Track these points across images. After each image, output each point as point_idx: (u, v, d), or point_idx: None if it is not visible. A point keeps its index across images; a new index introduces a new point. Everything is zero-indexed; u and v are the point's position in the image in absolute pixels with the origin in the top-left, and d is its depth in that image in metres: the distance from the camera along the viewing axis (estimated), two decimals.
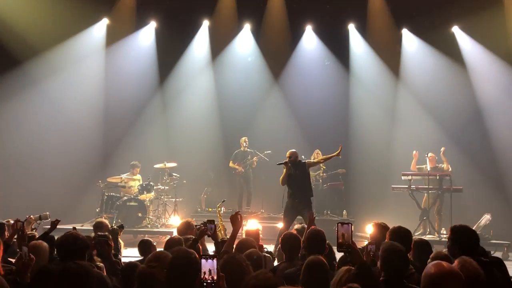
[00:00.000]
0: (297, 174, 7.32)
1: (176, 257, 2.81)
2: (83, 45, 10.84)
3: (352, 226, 2.90)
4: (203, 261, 2.53)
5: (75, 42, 10.71)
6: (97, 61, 11.04)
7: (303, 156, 8.35)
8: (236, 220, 4.06)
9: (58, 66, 10.48)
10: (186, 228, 5.18)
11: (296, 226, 5.32)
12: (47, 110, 10.52)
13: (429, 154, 9.26)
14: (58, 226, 8.49)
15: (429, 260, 3.06)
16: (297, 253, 3.98)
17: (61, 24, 10.30)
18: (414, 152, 9.54)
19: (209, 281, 2.49)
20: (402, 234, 3.65)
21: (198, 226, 4.52)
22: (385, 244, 3.15)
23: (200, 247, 4.27)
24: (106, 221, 5.84)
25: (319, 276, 3.09)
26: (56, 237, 4.53)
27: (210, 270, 2.51)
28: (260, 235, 5.13)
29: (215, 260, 2.54)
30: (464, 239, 3.26)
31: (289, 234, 4.20)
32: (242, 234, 5.34)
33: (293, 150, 7.52)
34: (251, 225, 9.45)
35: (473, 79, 10.69)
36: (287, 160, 7.29)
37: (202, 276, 2.50)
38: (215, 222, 4.23)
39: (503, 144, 10.17)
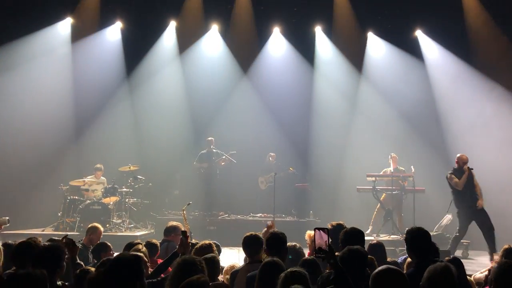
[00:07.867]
0: None
1: (117, 259, 2.72)
2: (43, 44, 10.50)
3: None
4: None
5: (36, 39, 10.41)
6: (60, 59, 10.73)
7: None
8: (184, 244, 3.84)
9: (17, 62, 10.14)
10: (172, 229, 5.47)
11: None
12: (4, 108, 10.10)
13: (392, 155, 9.43)
14: (18, 231, 8.30)
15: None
16: (259, 254, 3.97)
17: (25, 20, 10.05)
18: (393, 154, 9.55)
19: None
20: (355, 234, 3.77)
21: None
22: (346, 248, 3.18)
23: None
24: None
25: (275, 278, 3.07)
26: (9, 242, 4.36)
27: None
28: None
29: None
30: (416, 239, 3.43)
31: (250, 235, 4.17)
32: None
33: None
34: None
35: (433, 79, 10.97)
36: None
37: None
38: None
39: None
